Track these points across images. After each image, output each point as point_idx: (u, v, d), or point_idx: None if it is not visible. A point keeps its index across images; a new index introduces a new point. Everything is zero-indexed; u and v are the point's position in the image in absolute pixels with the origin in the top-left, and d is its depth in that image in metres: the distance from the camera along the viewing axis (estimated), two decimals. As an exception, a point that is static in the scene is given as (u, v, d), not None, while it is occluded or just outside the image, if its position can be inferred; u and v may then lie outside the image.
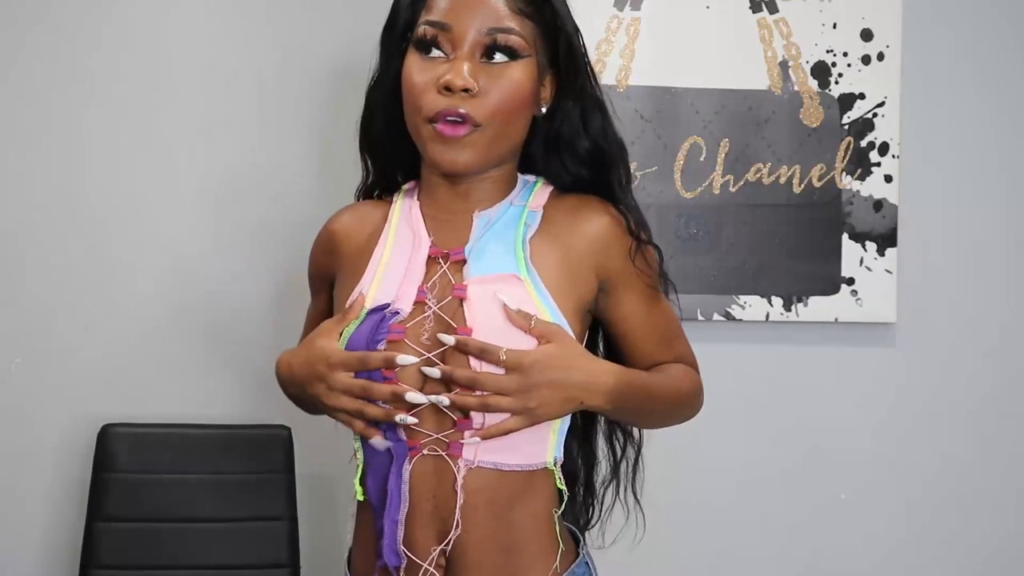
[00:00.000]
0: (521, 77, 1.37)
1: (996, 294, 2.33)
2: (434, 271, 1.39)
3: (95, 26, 2.13)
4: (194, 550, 2.02)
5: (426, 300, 1.36)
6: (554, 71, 1.43)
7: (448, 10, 1.36)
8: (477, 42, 1.35)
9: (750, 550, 2.30)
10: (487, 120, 1.35)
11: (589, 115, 1.44)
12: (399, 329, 1.34)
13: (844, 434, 2.30)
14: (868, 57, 2.23)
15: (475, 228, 1.41)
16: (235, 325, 2.16)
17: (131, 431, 2.05)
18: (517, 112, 1.39)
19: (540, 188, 1.47)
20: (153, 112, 2.14)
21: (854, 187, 2.24)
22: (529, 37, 1.38)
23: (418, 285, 1.37)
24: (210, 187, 2.16)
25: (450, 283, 1.37)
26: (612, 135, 1.47)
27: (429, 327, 1.35)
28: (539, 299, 1.35)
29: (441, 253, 1.39)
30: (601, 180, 1.46)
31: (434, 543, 1.34)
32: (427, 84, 1.35)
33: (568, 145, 1.45)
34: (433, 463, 1.33)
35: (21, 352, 2.13)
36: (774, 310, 2.23)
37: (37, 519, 2.14)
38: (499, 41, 1.36)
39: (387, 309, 1.35)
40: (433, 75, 1.35)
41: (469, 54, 1.35)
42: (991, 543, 2.33)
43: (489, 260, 1.38)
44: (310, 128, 2.16)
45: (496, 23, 1.36)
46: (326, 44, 2.16)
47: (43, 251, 2.13)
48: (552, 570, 1.38)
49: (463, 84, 1.33)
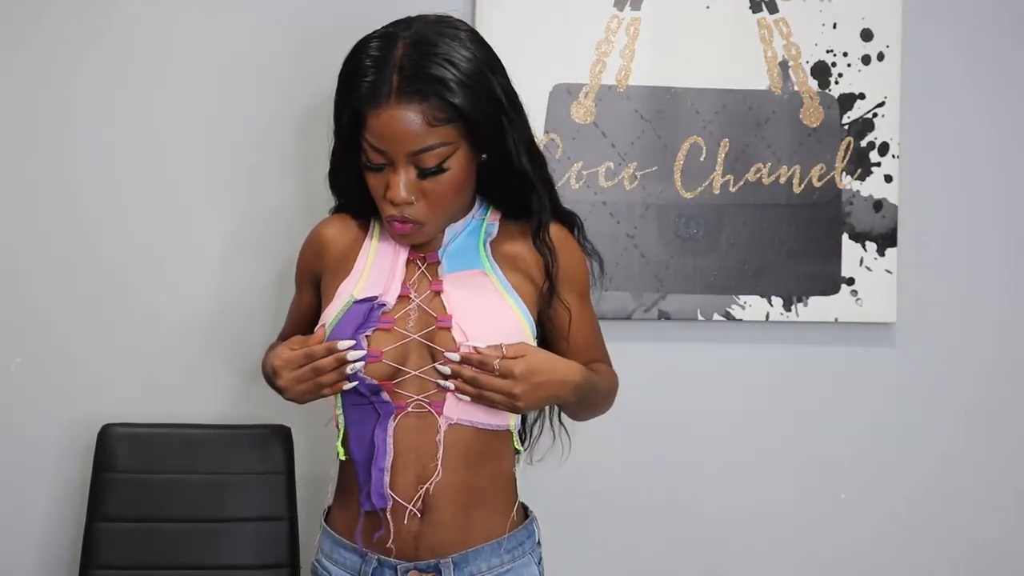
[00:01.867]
0: (454, 173, 1.58)
1: (996, 294, 2.33)
2: (413, 272, 1.65)
3: (97, 28, 2.12)
4: (194, 550, 2.02)
5: (409, 295, 1.62)
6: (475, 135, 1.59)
7: (380, 137, 1.54)
8: (408, 162, 1.55)
9: (750, 550, 2.30)
10: (429, 219, 1.59)
11: (515, 153, 1.63)
12: (388, 320, 1.59)
13: (844, 434, 2.30)
14: (868, 57, 2.23)
15: (445, 237, 1.67)
16: (235, 325, 2.16)
17: (131, 431, 2.05)
18: (458, 196, 1.62)
19: (493, 210, 1.72)
20: (153, 113, 2.14)
21: (854, 187, 2.24)
22: (452, 136, 1.56)
23: (401, 282, 1.63)
24: (211, 188, 2.16)
25: (427, 280, 1.63)
26: (537, 157, 1.68)
27: (414, 317, 1.61)
28: (503, 289, 1.63)
29: (418, 257, 1.65)
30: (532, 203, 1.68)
31: (413, 488, 1.57)
32: (379, 190, 1.59)
33: (500, 179, 1.66)
34: (416, 419, 1.58)
35: (21, 352, 2.13)
36: (774, 310, 2.23)
37: (37, 519, 2.15)
38: (424, 161, 1.55)
39: (375, 301, 1.60)
40: (382, 183, 1.58)
41: (405, 169, 1.55)
42: (991, 543, 2.33)
43: (459, 260, 1.65)
44: (316, 138, 2.15)
45: (420, 144, 1.54)
46: (330, 50, 2.16)
47: (43, 251, 2.13)
48: (510, 520, 1.65)
49: (403, 200, 1.56)
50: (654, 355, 2.25)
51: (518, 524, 1.67)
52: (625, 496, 2.25)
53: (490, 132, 1.60)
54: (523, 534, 1.67)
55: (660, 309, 2.21)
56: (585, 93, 2.18)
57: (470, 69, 1.56)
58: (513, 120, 1.63)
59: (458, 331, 1.57)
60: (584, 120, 2.18)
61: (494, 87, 1.59)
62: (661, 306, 2.21)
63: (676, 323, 2.23)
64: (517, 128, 1.64)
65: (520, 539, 1.66)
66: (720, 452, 2.27)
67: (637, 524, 2.26)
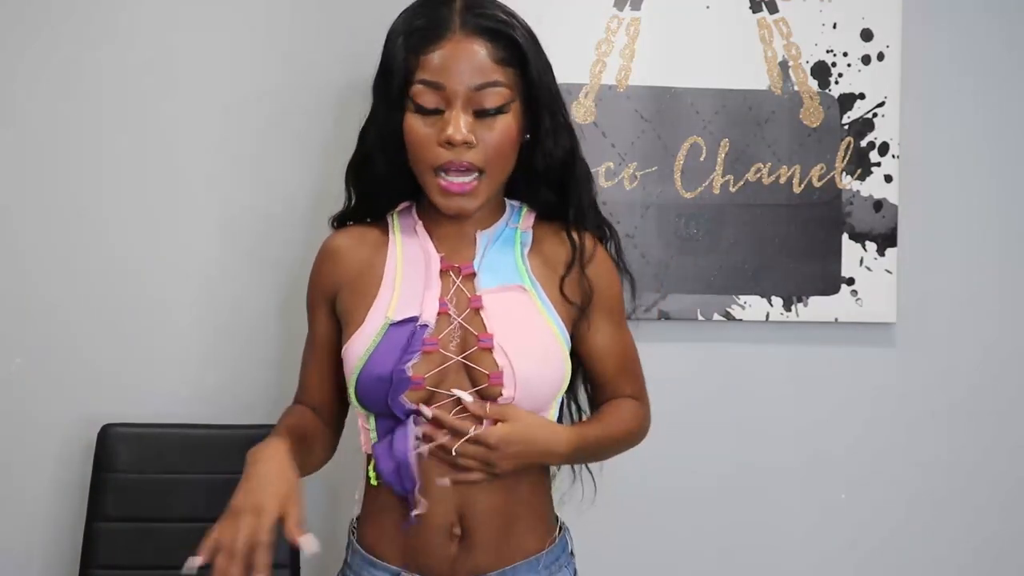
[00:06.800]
0: (510, 123, 1.53)
1: (996, 294, 2.33)
2: (448, 285, 1.55)
3: (102, 30, 2.13)
4: (194, 550, 2.02)
5: (448, 312, 1.53)
6: (529, 103, 1.56)
7: (440, 70, 1.49)
8: (469, 98, 1.49)
9: (750, 550, 2.30)
10: (489, 166, 1.51)
11: (560, 141, 1.60)
12: (433, 341, 1.50)
13: (844, 434, 2.30)
14: (868, 57, 2.23)
15: (479, 245, 1.58)
16: (235, 325, 2.16)
17: (131, 431, 2.05)
18: (510, 153, 1.55)
19: (526, 213, 1.65)
20: (154, 114, 2.14)
21: (854, 187, 2.24)
22: (512, 83, 1.52)
23: (438, 297, 1.53)
24: (214, 189, 2.16)
25: (464, 295, 1.54)
26: (580, 158, 1.64)
27: (456, 337, 1.52)
28: (543, 308, 1.56)
29: (452, 267, 1.56)
30: (570, 203, 1.63)
31: (452, 511, 1.53)
32: (429, 139, 1.50)
33: (543, 171, 1.60)
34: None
35: (21, 352, 2.13)
36: (774, 310, 2.23)
37: (37, 519, 2.15)
38: (488, 97, 1.50)
39: (416, 323, 1.50)
40: (434, 130, 1.50)
41: (463, 109, 1.49)
42: (991, 543, 2.33)
43: (496, 272, 1.56)
44: (318, 137, 2.16)
45: (483, 78, 1.49)
46: (334, 56, 2.16)
47: (43, 251, 2.13)
48: (550, 538, 1.61)
49: (463, 139, 1.48)
50: (654, 355, 2.23)
51: (554, 537, 1.63)
52: (623, 496, 2.25)
53: (544, 96, 1.56)
54: (559, 548, 1.63)
55: (660, 309, 2.21)
56: (585, 93, 2.18)
57: (528, 28, 1.56)
58: (559, 99, 1.60)
59: (499, 352, 1.51)
60: (584, 120, 2.18)
61: (545, 57, 1.58)
62: (661, 306, 2.21)
63: (676, 323, 2.23)
64: (562, 112, 1.60)
65: (556, 553, 1.62)
66: (720, 452, 2.27)
67: (635, 523, 2.26)
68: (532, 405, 1.54)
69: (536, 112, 1.57)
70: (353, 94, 1.89)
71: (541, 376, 1.53)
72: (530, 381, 1.52)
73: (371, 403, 1.53)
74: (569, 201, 1.63)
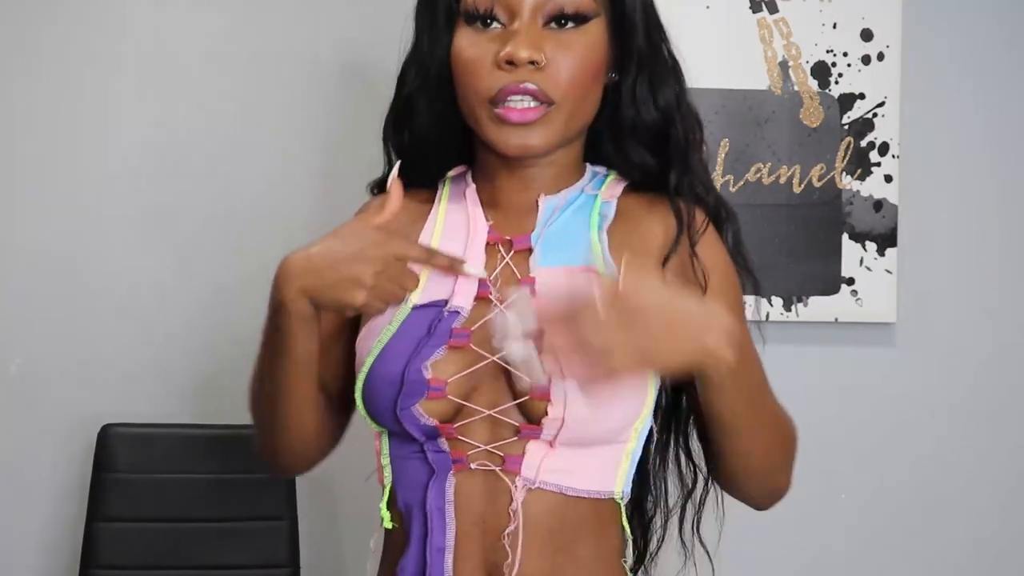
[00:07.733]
0: (592, 42, 1.17)
1: (996, 294, 2.32)
2: (493, 261, 1.18)
3: (98, 26, 2.13)
4: (194, 550, 2.02)
5: (490, 295, 1.15)
6: (619, 30, 1.21)
7: None
8: (539, 6, 1.15)
9: (749, 550, 2.29)
10: (561, 96, 1.15)
11: (660, 83, 1.23)
12: (464, 332, 1.13)
13: (844, 434, 2.29)
14: (868, 57, 2.23)
15: (542, 213, 1.20)
16: (237, 325, 2.16)
17: (131, 431, 2.05)
18: (592, 84, 1.18)
19: (613, 180, 1.26)
20: (153, 113, 2.14)
21: (854, 187, 2.23)
22: None
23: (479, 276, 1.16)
24: (213, 187, 2.15)
25: (514, 275, 1.16)
26: (686, 107, 1.26)
27: None
28: None
29: (502, 240, 1.18)
30: (672, 167, 1.24)
31: (479, 565, 1.12)
32: (484, 60, 1.15)
33: (633, 125, 1.23)
34: (483, 480, 1.12)
35: (21, 352, 2.13)
36: (774, 310, 2.23)
37: (37, 519, 2.14)
38: (565, 2, 1.15)
39: (445, 308, 1.14)
40: (491, 49, 1.15)
41: (531, 21, 1.14)
42: (991, 543, 2.33)
43: (560, 249, 1.17)
44: (319, 128, 2.15)
45: None
46: (343, 43, 2.15)
47: (43, 251, 2.13)
48: None
49: (528, 56, 1.13)
50: (654, 355, 2.24)
51: None
52: (625, 496, 2.25)
53: (641, 18, 1.21)
54: None
55: (660, 309, 2.21)
56: (585, 93, 2.18)
57: None
58: (663, 33, 1.25)
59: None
60: (584, 120, 2.18)
61: None
62: (661, 306, 2.21)
63: (676, 323, 2.22)
64: (666, 45, 1.24)
65: None
66: (720, 452, 2.27)
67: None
68: (593, 433, 1.13)
69: (627, 44, 1.21)
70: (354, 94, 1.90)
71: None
72: None
73: (379, 413, 1.17)
74: (671, 163, 1.23)
